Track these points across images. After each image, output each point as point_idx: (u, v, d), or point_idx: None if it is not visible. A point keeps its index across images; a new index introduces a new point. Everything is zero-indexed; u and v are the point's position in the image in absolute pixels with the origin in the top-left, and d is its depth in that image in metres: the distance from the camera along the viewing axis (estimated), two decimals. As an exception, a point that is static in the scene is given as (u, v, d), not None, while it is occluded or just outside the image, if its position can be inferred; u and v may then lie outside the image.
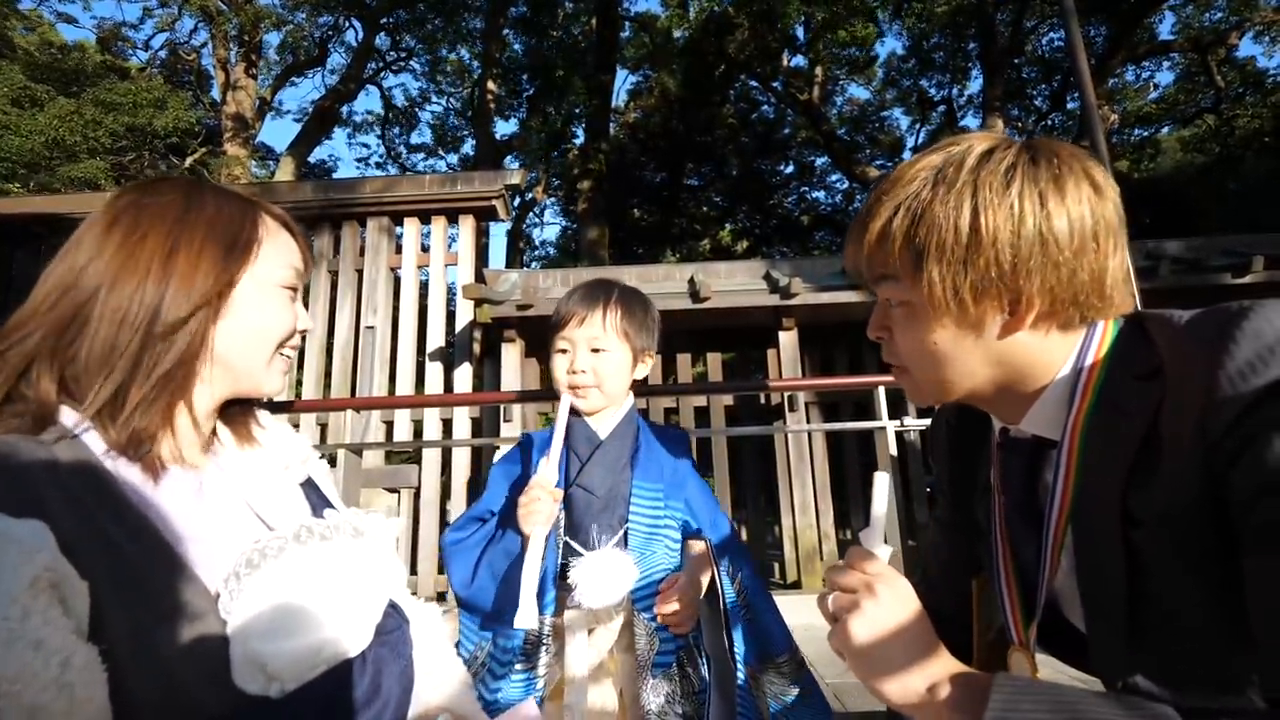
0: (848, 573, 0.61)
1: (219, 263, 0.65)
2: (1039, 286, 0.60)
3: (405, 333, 5.32)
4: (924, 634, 0.58)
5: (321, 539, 0.65)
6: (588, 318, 1.21)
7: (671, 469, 1.23)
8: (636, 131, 16.52)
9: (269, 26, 13.53)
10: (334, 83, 15.85)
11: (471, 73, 17.01)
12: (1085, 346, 0.65)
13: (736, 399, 5.53)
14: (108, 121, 11.44)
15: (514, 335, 5.34)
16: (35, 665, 0.46)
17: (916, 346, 0.67)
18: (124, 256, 0.62)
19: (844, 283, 5.40)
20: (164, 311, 0.62)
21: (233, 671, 0.55)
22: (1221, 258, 4.98)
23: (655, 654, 1.08)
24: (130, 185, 0.70)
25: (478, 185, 5.46)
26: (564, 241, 19.29)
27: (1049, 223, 0.59)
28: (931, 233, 0.61)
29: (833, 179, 18.30)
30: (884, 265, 0.66)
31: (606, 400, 1.23)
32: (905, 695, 0.56)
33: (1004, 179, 0.60)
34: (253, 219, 0.70)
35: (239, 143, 13.30)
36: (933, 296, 0.62)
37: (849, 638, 0.57)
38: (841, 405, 5.47)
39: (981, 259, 0.60)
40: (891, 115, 18.54)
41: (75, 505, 0.54)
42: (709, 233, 17.62)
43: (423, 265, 5.52)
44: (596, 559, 1.10)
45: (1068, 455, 0.64)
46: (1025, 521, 0.72)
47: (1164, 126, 15.73)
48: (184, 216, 0.65)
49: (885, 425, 1.65)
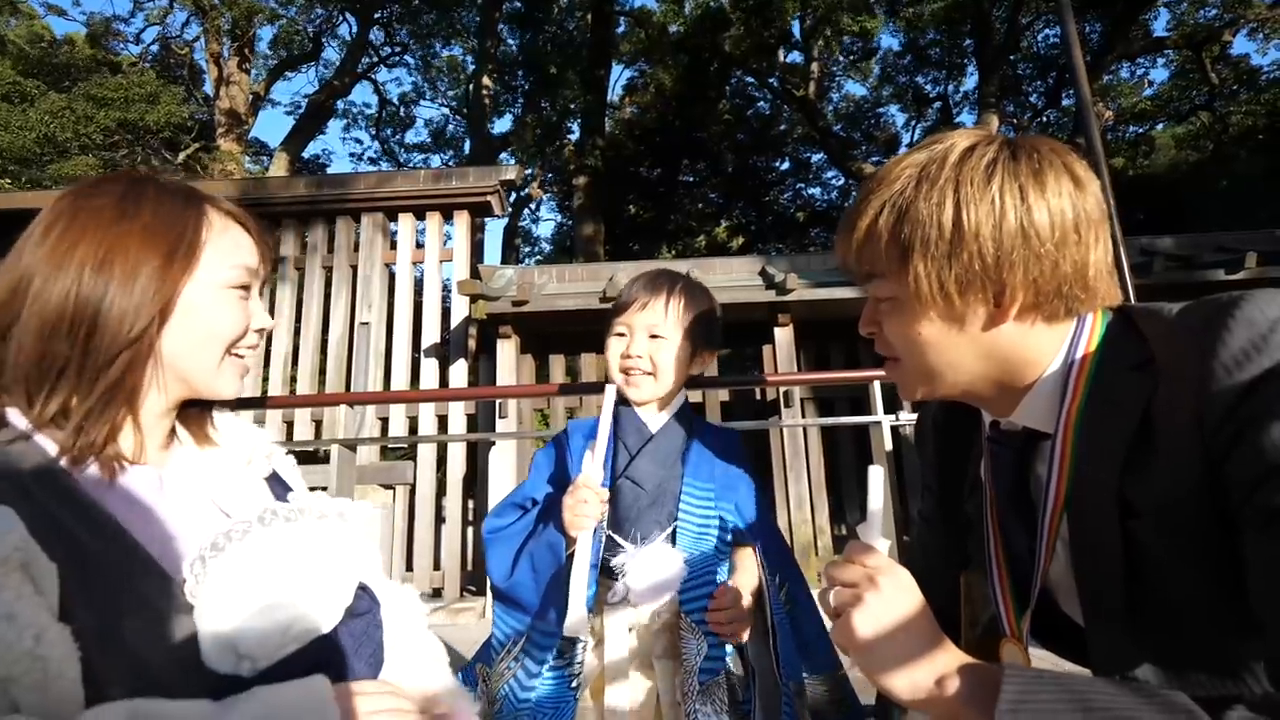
0: (848, 567, 0.61)
1: (157, 272, 0.63)
2: (1022, 279, 0.61)
3: (400, 329, 5.30)
4: (928, 626, 0.58)
5: (286, 520, 0.66)
6: (650, 303, 1.17)
7: (724, 470, 1.18)
8: (632, 127, 16.48)
9: (262, 21, 13.43)
10: (328, 77, 15.76)
11: (466, 69, 16.95)
12: (1075, 340, 0.66)
13: (732, 395, 5.54)
14: (99, 117, 11.33)
15: (509, 331, 5.32)
16: (9, 637, 0.47)
17: (905, 341, 0.68)
18: (55, 262, 0.61)
19: (839, 279, 5.41)
20: (103, 321, 0.60)
21: (203, 653, 0.55)
22: (1215, 254, 5.01)
23: (703, 660, 1.03)
24: (74, 185, 0.68)
25: (473, 181, 5.44)
26: (559, 238, 19.27)
27: (1030, 216, 0.60)
28: (916, 229, 0.62)
29: (828, 175, 18.32)
30: (871, 262, 0.67)
31: (658, 391, 1.17)
32: (913, 689, 0.56)
33: (985, 174, 0.61)
34: (195, 220, 0.67)
35: (233, 138, 13.21)
36: (919, 291, 0.63)
37: (853, 633, 0.57)
38: (837, 402, 5.49)
39: (965, 253, 0.61)
40: (887, 112, 18.58)
41: (32, 502, 0.54)
42: (704, 229, 17.62)
43: (418, 261, 5.50)
44: (645, 555, 1.07)
45: (1061, 447, 0.64)
46: (1017, 514, 0.73)
47: (1159, 123, 15.78)
48: (119, 221, 0.63)
49: (881, 420, 1.66)
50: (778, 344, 5.36)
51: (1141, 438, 0.59)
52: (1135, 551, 0.59)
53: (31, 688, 0.48)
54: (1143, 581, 0.59)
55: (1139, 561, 0.59)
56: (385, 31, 16.29)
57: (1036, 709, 0.49)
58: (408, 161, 18.97)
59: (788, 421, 4.72)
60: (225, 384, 0.71)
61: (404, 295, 5.38)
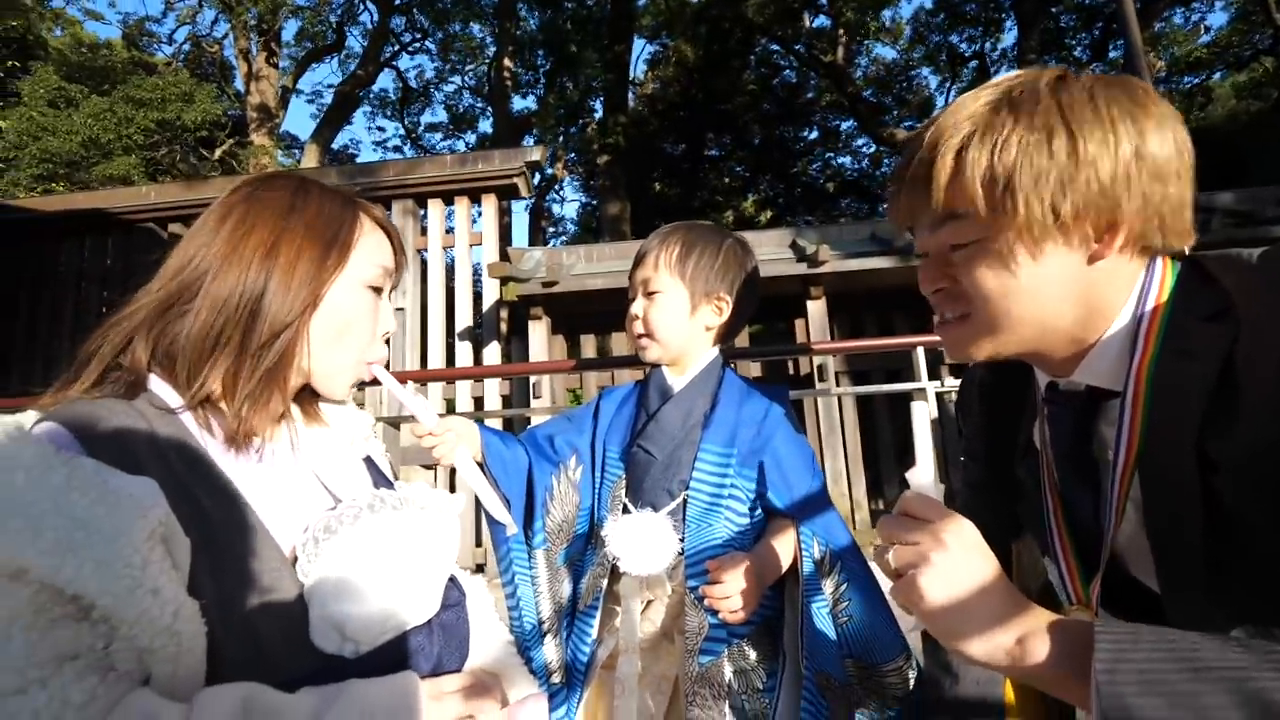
0: (906, 523, 0.58)
1: (315, 263, 0.67)
2: (1138, 207, 0.59)
3: (434, 313, 5.38)
4: (1002, 584, 0.55)
5: (393, 509, 0.67)
6: (644, 257, 1.11)
7: (752, 435, 1.07)
8: (655, 103, 16.23)
9: (286, 14, 13.57)
10: (352, 68, 15.90)
11: (485, 50, 16.87)
12: (1145, 291, 0.63)
13: (766, 369, 5.49)
14: (138, 118, 11.67)
15: (540, 313, 5.36)
16: (153, 611, 0.49)
17: (988, 287, 0.63)
18: (231, 247, 0.65)
19: (873, 249, 5.27)
20: (266, 306, 0.64)
21: (311, 631, 0.57)
22: (1277, 208, 4.72)
23: (703, 640, 0.97)
24: (246, 178, 0.73)
25: (498, 164, 5.45)
26: (585, 218, 19.22)
27: (1144, 140, 0.58)
28: (1022, 159, 0.58)
29: (858, 143, 17.77)
30: (958, 203, 0.62)
31: (667, 353, 1.10)
32: (992, 652, 0.52)
33: (1089, 101, 0.59)
34: (351, 220, 0.72)
35: (264, 132, 13.47)
36: (1027, 223, 0.59)
37: (921, 596, 0.54)
38: (872, 374, 5.39)
39: (1081, 178, 0.58)
40: (920, 74, 17.84)
41: (172, 474, 0.57)
42: (731, 204, 17.34)
43: (448, 246, 5.56)
44: (629, 522, 1.03)
45: (1133, 403, 0.61)
46: (1080, 477, 0.70)
47: (1216, 72, 14.82)
48: (289, 213, 0.67)
49: (925, 386, 1.60)
50: (810, 317, 5.27)
51: (1223, 389, 0.55)
52: (1217, 509, 0.56)
53: (165, 660, 0.50)
54: (1226, 540, 0.56)
55: (1221, 519, 0.56)
56: (406, 18, 16.31)
57: (1139, 668, 0.45)
58: (431, 145, 19.10)
59: (827, 390, 4.64)
60: (340, 384, 0.73)
61: (436, 280, 5.44)
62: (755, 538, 1.04)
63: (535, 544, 1.13)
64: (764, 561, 0.98)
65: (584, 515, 1.14)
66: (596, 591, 1.06)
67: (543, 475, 1.14)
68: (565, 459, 1.16)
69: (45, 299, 5.86)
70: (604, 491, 1.13)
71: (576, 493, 1.14)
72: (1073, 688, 0.50)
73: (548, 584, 1.11)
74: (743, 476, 1.05)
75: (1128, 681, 0.45)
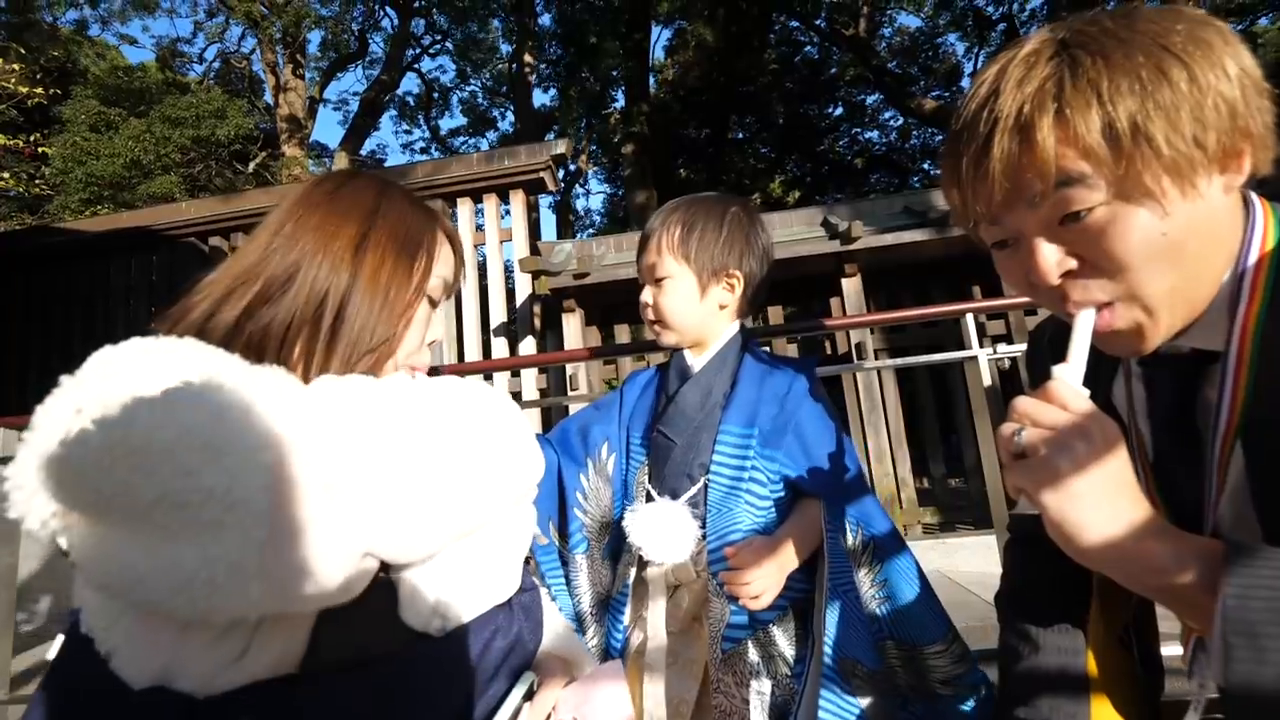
0: (1047, 407, 0.54)
1: (406, 270, 0.66)
2: (1260, 123, 0.55)
3: (469, 311, 5.44)
4: (1135, 487, 0.53)
5: None
6: (647, 241, 1.08)
7: (774, 412, 1.03)
8: (676, 88, 16.06)
9: (310, 25, 13.83)
10: (375, 75, 16.15)
11: (502, 47, 16.94)
12: (1247, 242, 0.58)
13: (801, 349, 5.41)
14: (175, 136, 12.06)
15: (573, 305, 5.38)
16: None
17: (1148, 246, 0.55)
18: (321, 239, 0.63)
19: (908, 222, 5.13)
20: (350, 303, 0.62)
21: (400, 607, 0.58)
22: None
23: (725, 627, 0.94)
24: (328, 174, 0.71)
25: (524, 159, 5.47)
26: (611, 209, 19.20)
27: (1239, 57, 0.55)
28: (1145, 99, 0.53)
29: (885, 116, 17.29)
30: (1072, 167, 0.55)
31: (683, 337, 1.08)
32: (1105, 546, 0.50)
33: (1176, 30, 0.55)
34: (432, 232, 0.70)
35: (295, 143, 13.79)
36: (1173, 164, 0.53)
37: (1051, 478, 0.51)
38: (912, 349, 5.27)
39: (1209, 103, 0.53)
40: (946, 41, 17.24)
41: None
42: (758, 186, 17.08)
43: (479, 244, 5.61)
44: (647, 511, 1.01)
45: (1236, 362, 0.57)
46: (1179, 443, 0.65)
47: (1261, 16, 13.95)
48: (375, 212, 0.66)
49: (977, 354, 1.53)
50: (845, 296, 5.17)
51: None
52: None
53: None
54: None
55: None
56: (425, 19, 16.47)
57: (1275, 595, 0.43)
58: (455, 146, 19.30)
59: (864, 364, 4.55)
60: None
61: (469, 278, 5.51)
62: (781, 520, 1.00)
63: (573, 548, 1.10)
64: (787, 545, 0.95)
65: (618, 505, 1.12)
66: (625, 580, 1.05)
67: (571, 478, 1.13)
68: (596, 450, 1.14)
69: (99, 314, 6.13)
70: (630, 478, 1.11)
71: (609, 486, 1.12)
72: (1190, 600, 0.49)
73: (589, 582, 1.10)
74: (764, 458, 1.01)
75: (1259, 609, 0.44)
